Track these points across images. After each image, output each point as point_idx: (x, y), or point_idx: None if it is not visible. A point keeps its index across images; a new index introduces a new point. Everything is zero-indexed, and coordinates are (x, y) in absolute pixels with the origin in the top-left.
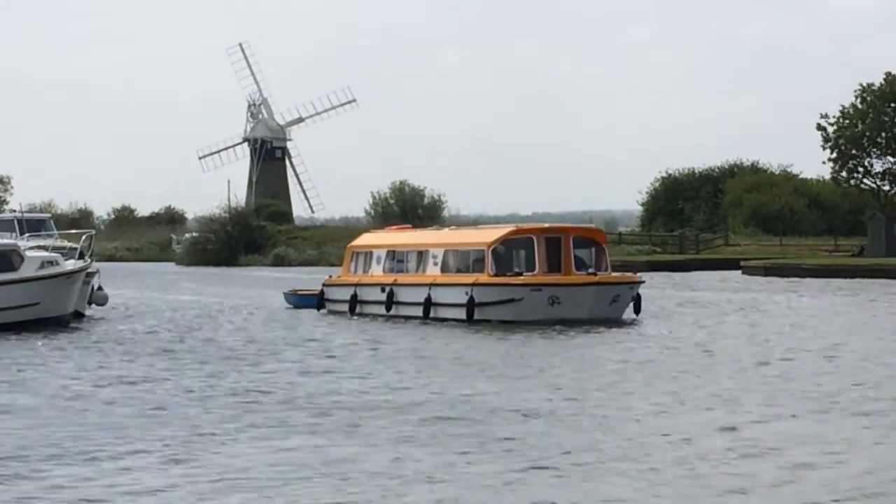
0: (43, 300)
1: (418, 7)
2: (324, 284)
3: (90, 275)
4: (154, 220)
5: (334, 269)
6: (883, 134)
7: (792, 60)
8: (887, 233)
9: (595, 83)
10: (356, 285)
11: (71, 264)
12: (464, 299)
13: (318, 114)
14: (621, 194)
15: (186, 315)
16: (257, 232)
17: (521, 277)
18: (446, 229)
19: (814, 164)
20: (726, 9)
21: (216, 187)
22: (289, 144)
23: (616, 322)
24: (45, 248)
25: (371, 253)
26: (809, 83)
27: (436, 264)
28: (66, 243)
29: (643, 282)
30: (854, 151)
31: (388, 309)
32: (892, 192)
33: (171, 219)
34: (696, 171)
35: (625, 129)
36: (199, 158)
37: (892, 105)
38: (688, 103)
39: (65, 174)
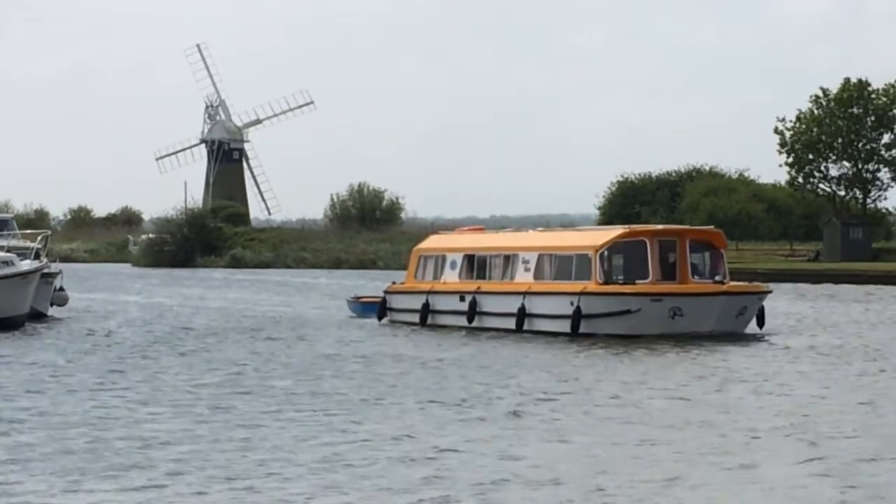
0: None
1: (376, 10)
2: (386, 292)
3: (51, 275)
4: (111, 220)
5: (291, 270)
6: (839, 139)
7: (749, 65)
8: (843, 238)
9: (553, 88)
10: (428, 293)
11: (27, 265)
12: (568, 310)
13: (275, 116)
14: (578, 198)
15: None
16: (214, 233)
17: (637, 286)
18: (531, 231)
19: (770, 168)
20: (683, 14)
21: (173, 189)
22: (246, 146)
23: (747, 337)
24: (1, 248)
25: (444, 257)
26: (766, 87)
27: (527, 270)
28: (30, 244)
29: (771, 292)
30: (810, 156)
31: (470, 320)
32: (848, 197)
33: (128, 220)
34: (654, 176)
35: (582, 133)
36: (157, 160)
37: (849, 111)
38: (646, 108)
39: (20, 175)
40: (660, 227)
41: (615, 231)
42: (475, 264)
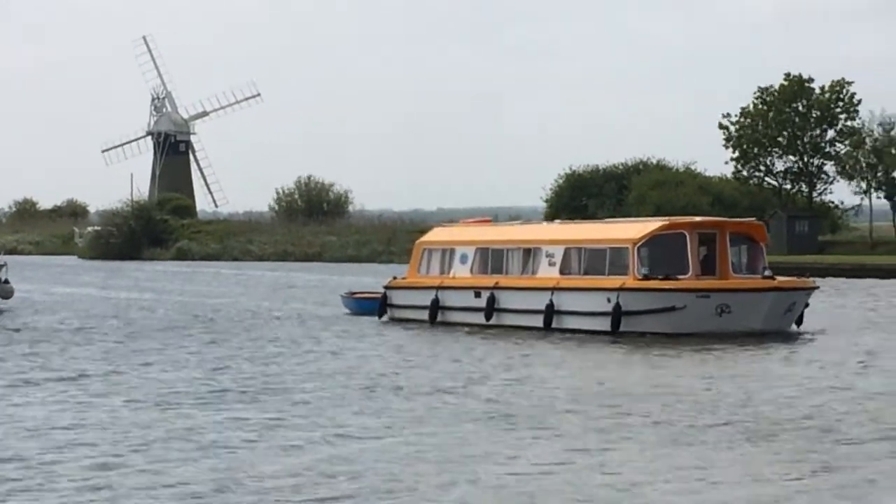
0: None
1: (322, 2)
2: (386, 287)
3: None
4: (56, 213)
5: (238, 263)
6: (784, 133)
7: (696, 59)
8: (789, 231)
9: (501, 81)
10: (437, 288)
11: None
12: (605, 307)
13: (222, 108)
14: (526, 191)
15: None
16: (160, 226)
17: (683, 281)
18: (549, 223)
19: (716, 161)
20: (632, 9)
21: (119, 181)
22: (193, 138)
23: (795, 336)
24: None
25: (452, 250)
26: (713, 81)
27: (552, 265)
28: None
29: (818, 287)
30: (756, 150)
31: (489, 317)
32: (794, 190)
33: (74, 212)
34: (601, 169)
35: (529, 126)
36: (102, 152)
37: (793, 105)
38: (593, 101)
39: None
40: (698, 218)
41: (654, 223)
42: (490, 258)
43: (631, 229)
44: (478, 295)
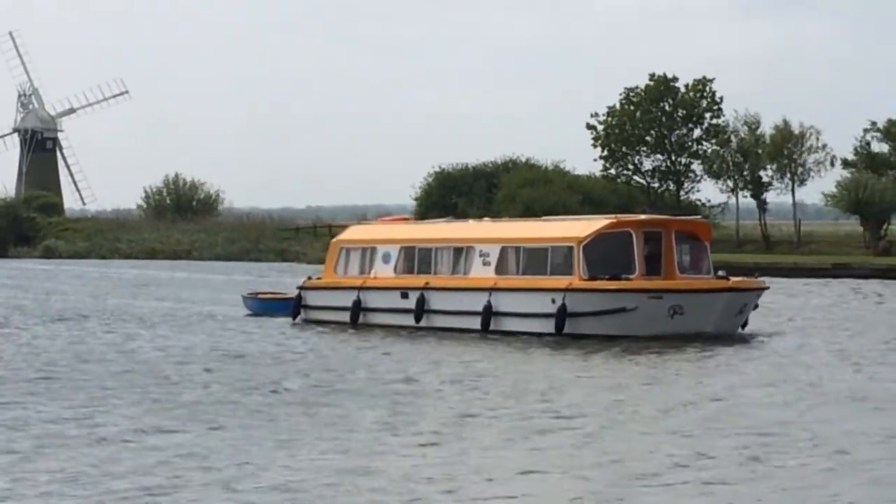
0: None
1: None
2: (301, 288)
3: None
4: None
5: (107, 262)
6: (652, 132)
7: (565, 57)
8: None
9: (371, 79)
10: (359, 289)
11: None
12: (550, 308)
13: (90, 105)
14: (395, 190)
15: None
16: (26, 224)
17: (633, 282)
18: (476, 222)
19: (585, 160)
20: (502, 5)
21: None
22: (60, 135)
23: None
24: None
25: (374, 249)
26: (582, 80)
27: (487, 264)
28: None
29: (768, 287)
30: (624, 149)
31: (418, 319)
32: (661, 189)
33: None
34: (470, 167)
35: (399, 124)
36: None
37: (660, 104)
38: (463, 99)
39: None
40: (644, 217)
41: (600, 221)
42: (416, 257)
43: (574, 228)
44: (405, 296)
